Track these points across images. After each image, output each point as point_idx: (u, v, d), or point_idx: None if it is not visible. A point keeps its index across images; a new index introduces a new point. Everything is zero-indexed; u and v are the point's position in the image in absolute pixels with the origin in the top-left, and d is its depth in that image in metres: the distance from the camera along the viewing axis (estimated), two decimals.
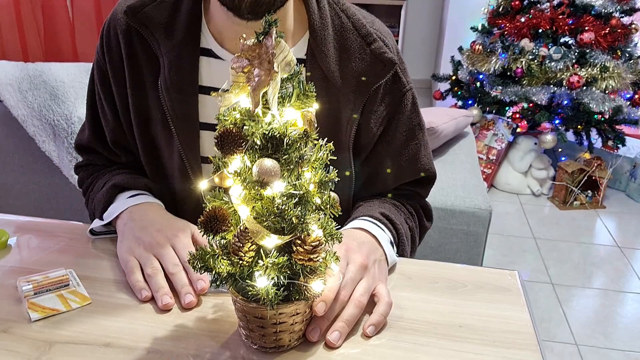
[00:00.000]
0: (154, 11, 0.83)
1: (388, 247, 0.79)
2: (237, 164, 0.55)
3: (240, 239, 0.55)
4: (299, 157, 0.55)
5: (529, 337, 0.67)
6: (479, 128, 3.22)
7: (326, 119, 0.84)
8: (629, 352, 1.93)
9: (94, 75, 0.92)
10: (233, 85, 0.55)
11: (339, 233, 0.59)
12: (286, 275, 0.56)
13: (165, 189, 0.92)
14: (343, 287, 0.67)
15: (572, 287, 2.30)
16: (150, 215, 0.82)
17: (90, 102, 0.95)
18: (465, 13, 3.83)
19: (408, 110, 0.89)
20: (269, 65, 0.52)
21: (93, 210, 0.90)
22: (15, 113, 1.66)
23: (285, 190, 0.54)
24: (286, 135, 0.53)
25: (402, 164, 0.91)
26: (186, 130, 0.85)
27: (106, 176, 0.93)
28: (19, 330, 0.65)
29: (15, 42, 3.01)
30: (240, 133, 0.53)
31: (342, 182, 0.89)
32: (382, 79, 0.84)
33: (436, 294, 0.74)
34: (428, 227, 0.99)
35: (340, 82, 0.83)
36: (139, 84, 0.86)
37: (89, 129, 0.96)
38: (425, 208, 0.99)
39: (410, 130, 0.90)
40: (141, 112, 0.88)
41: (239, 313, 0.62)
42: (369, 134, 0.87)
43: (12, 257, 0.81)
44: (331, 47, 0.83)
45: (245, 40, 0.53)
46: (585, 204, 3.05)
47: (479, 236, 1.66)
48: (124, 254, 0.77)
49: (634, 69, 3.01)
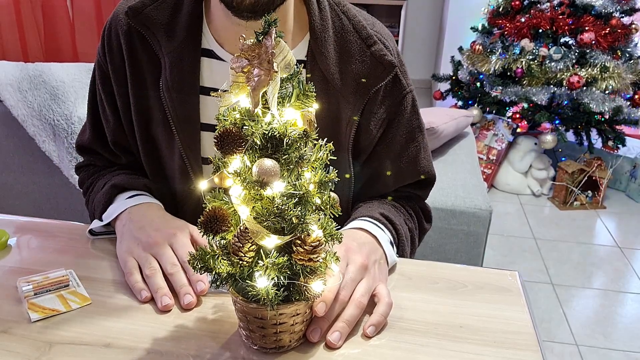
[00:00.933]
0: (154, 12, 0.83)
1: (388, 248, 0.79)
2: (237, 164, 0.55)
3: (240, 239, 0.55)
4: (298, 157, 0.55)
5: (529, 337, 0.67)
6: (479, 128, 3.22)
7: (326, 121, 0.84)
8: (629, 353, 1.92)
9: (95, 76, 0.92)
10: (233, 85, 0.55)
11: (339, 233, 0.59)
12: (286, 275, 0.56)
13: (165, 190, 0.92)
14: (343, 287, 0.67)
15: (572, 288, 2.30)
16: (149, 216, 0.82)
17: (92, 103, 0.95)
18: (465, 13, 3.83)
19: (408, 113, 0.89)
20: (268, 65, 0.52)
21: (93, 211, 0.90)
22: (15, 113, 1.66)
23: (285, 190, 0.54)
24: (286, 135, 0.53)
25: (401, 166, 0.91)
26: (187, 131, 0.85)
27: (106, 177, 0.93)
28: (19, 331, 0.65)
29: (15, 42, 3.01)
30: (240, 133, 0.53)
31: (342, 183, 0.89)
32: (382, 81, 0.84)
33: (436, 295, 0.74)
34: (427, 229, 1.00)
35: (340, 84, 0.83)
36: (140, 84, 0.86)
37: (90, 130, 0.96)
38: (425, 210, 0.99)
39: (410, 133, 0.90)
40: (142, 113, 0.88)
41: (239, 314, 0.62)
42: (368, 136, 0.87)
43: (12, 257, 0.81)
44: (331, 48, 0.83)
45: (245, 40, 0.53)
46: (586, 204, 3.05)
47: (479, 236, 1.66)
48: (123, 254, 0.77)
49: (634, 69, 3.01)
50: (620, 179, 3.27)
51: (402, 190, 0.95)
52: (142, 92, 0.87)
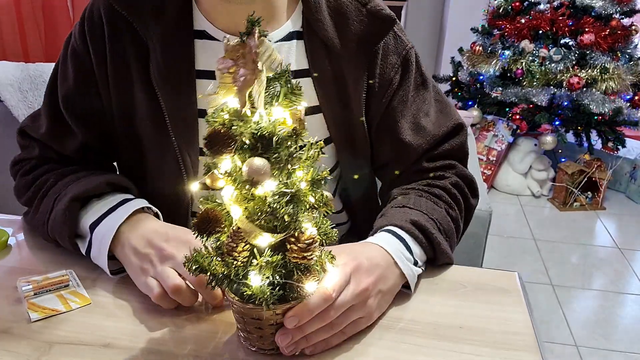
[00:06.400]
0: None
1: (405, 267, 0.71)
2: (227, 164, 0.55)
3: (234, 239, 0.55)
4: (288, 155, 0.54)
5: (529, 338, 0.67)
6: (479, 129, 3.22)
7: (334, 87, 0.82)
8: (629, 354, 1.92)
9: (68, 70, 0.83)
10: (220, 86, 0.55)
11: (334, 232, 0.59)
12: (281, 274, 0.56)
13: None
14: (333, 308, 0.60)
15: (572, 289, 2.30)
16: (147, 227, 0.74)
17: (52, 99, 0.85)
18: (465, 14, 3.83)
19: (414, 68, 0.87)
20: (253, 65, 0.52)
21: (47, 223, 0.79)
22: (16, 113, 1.66)
23: (277, 189, 0.54)
24: (275, 134, 0.53)
25: (421, 124, 0.86)
26: (183, 122, 0.81)
27: (58, 184, 0.81)
28: (19, 331, 0.65)
29: (16, 42, 3.01)
30: (229, 133, 0.53)
31: (361, 154, 0.86)
32: (383, 37, 0.83)
33: (436, 295, 0.74)
34: (474, 205, 0.90)
35: (340, 48, 0.81)
36: (123, 76, 0.80)
37: (48, 127, 0.86)
38: (467, 179, 0.88)
39: (421, 86, 0.88)
40: (125, 107, 0.82)
41: (237, 315, 0.62)
42: (378, 96, 0.85)
43: (12, 257, 0.81)
44: (326, 14, 0.81)
45: (228, 41, 0.53)
46: (585, 206, 3.05)
47: (479, 237, 1.65)
48: (139, 277, 0.70)
49: (634, 71, 3.01)
50: (620, 180, 3.27)
51: (436, 158, 0.87)
52: (126, 83, 0.81)
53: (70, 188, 0.79)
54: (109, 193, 0.80)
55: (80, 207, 0.77)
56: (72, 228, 0.76)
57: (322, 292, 0.59)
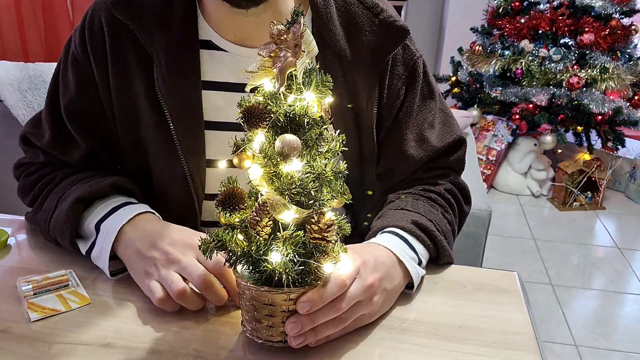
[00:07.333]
0: (144, 1, 0.77)
1: (411, 266, 0.72)
2: (260, 138, 0.57)
3: (259, 213, 0.56)
4: (318, 134, 0.57)
5: (528, 338, 0.67)
6: (478, 129, 3.23)
7: (346, 97, 0.82)
8: (628, 354, 1.92)
9: (69, 79, 0.83)
10: (259, 70, 0.58)
11: (347, 225, 0.60)
12: (300, 254, 0.57)
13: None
14: (344, 299, 0.61)
15: (571, 288, 2.30)
16: (152, 228, 0.73)
17: (54, 107, 0.84)
18: (465, 14, 3.83)
19: (421, 79, 0.87)
20: (296, 49, 0.56)
21: (50, 223, 0.79)
22: (15, 113, 1.66)
23: (304, 169, 0.56)
24: (306, 115, 0.57)
25: (425, 136, 0.87)
26: (189, 131, 0.80)
27: (61, 185, 0.81)
28: (19, 330, 0.65)
29: (16, 42, 3.01)
30: (265, 109, 0.57)
31: (367, 162, 0.86)
32: (396, 47, 0.82)
33: (436, 295, 0.74)
34: (467, 211, 0.92)
35: (352, 58, 0.81)
36: (126, 85, 0.79)
37: (51, 136, 0.85)
38: (461, 187, 0.91)
39: (427, 97, 0.88)
40: (129, 118, 0.81)
41: (248, 304, 0.61)
42: (386, 107, 0.85)
43: (12, 257, 0.81)
44: (337, 24, 0.81)
45: (275, 25, 0.57)
46: (585, 205, 3.05)
47: (479, 237, 1.65)
48: (142, 280, 0.69)
49: (634, 70, 3.02)
50: (620, 179, 3.27)
51: (433, 167, 0.89)
52: (129, 94, 0.80)
53: (75, 189, 0.79)
54: (113, 195, 0.80)
55: (84, 209, 0.77)
56: (74, 228, 0.76)
57: (336, 278, 0.60)
